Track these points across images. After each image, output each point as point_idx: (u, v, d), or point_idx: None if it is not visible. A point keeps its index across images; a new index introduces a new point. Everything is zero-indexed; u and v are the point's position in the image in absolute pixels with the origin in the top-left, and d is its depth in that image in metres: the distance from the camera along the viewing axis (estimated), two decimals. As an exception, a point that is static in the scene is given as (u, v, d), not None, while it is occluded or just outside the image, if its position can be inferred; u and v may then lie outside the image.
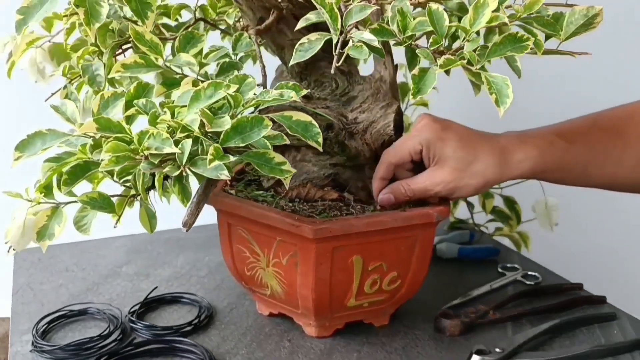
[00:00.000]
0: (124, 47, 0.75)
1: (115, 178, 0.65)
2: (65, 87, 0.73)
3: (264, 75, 0.68)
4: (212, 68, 0.72)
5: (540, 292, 0.88)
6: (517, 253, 1.03)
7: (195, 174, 0.54)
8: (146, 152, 0.53)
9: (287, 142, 0.58)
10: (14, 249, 0.60)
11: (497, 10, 0.55)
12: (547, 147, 0.70)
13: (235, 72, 0.67)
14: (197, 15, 0.78)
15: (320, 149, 0.61)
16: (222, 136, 0.54)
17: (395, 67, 0.76)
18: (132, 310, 0.79)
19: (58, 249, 0.99)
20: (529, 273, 0.94)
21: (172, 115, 0.56)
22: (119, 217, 0.63)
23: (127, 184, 0.66)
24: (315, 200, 0.73)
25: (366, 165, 0.76)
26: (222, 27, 0.84)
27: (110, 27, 0.73)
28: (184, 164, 0.52)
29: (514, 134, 0.72)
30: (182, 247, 1.02)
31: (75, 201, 0.64)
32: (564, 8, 0.61)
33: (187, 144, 0.52)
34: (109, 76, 0.62)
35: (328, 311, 0.72)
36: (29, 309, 0.81)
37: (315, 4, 0.55)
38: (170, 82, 0.64)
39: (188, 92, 0.57)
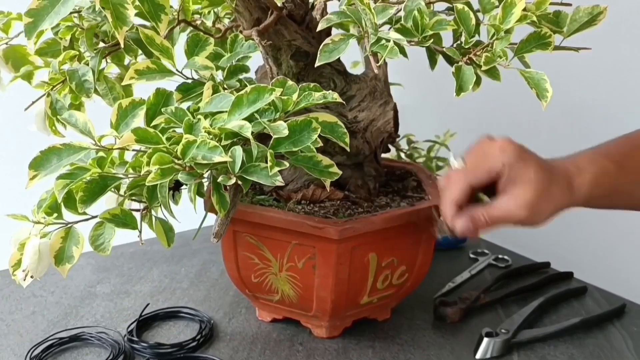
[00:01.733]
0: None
1: (121, 192, 0.62)
2: (48, 95, 0.67)
3: (272, 77, 0.67)
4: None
5: (516, 274, 0.94)
6: (481, 239, 1.08)
7: (245, 181, 0.52)
8: (190, 163, 0.51)
9: (321, 144, 0.58)
10: (31, 277, 0.54)
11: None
12: (601, 174, 0.66)
13: (244, 75, 0.66)
14: (180, 17, 0.75)
15: (348, 149, 0.61)
16: (272, 142, 0.52)
17: (386, 65, 0.78)
18: (130, 330, 0.75)
19: (16, 274, 0.90)
20: (499, 256, 1.00)
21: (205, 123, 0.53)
22: (140, 232, 0.59)
23: (134, 198, 0.63)
24: (322, 201, 0.73)
25: (364, 163, 0.77)
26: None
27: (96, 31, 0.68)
28: (236, 172, 0.50)
29: (566, 160, 0.68)
30: (151, 260, 0.98)
31: (86, 219, 0.60)
32: (561, 5, 0.65)
33: (238, 151, 0.50)
34: (124, 83, 0.58)
35: (343, 311, 0.73)
36: (8, 341, 0.74)
37: (357, 2, 0.54)
38: (186, 87, 0.61)
39: (219, 98, 0.55)
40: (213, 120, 0.54)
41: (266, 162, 0.52)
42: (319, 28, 0.60)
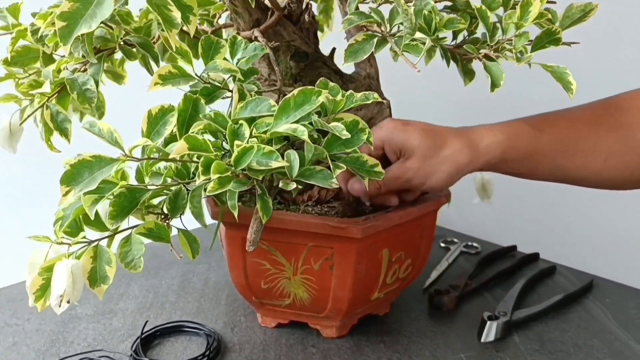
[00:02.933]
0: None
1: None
2: (47, 107, 0.62)
3: (281, 80, 0.66)
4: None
5: (491, 259, 0.99)
6: (448, 229, 1.12)
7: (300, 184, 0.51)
8: (241, 170, 0.49)
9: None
10: (67, 302, 0.50)
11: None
12: (515, 134, 0.69)
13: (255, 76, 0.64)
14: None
15: (372, 148, 0.62)
16: (324, 144, 0.52)
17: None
18: (134, 349, 0.71)
19: (-23, 303, 0.83)
20: (469, 244, 1.04)
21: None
22: (172, 245, 0.57)
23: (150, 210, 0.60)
24: (327, 201, 0.73)
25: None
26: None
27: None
28: (294, 176, 0.49)
29: (480, 125, 0.71)
30: (126, 275, 0.92)
31: (108, 236, 0.56)
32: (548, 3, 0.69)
33: (294, 155, 0.49)
34: (151, 90, 0.55)
35: (356, 309, 0.73)
36: (-2, 377, 0.68)
37: (397, 3, 0.55)
38: (207, 92, 0.58)
39: (255, 102, 0.54)
40: (255, 125, 0.52)
41: (317, 165, 0.51)
42: (342, 29, 0.60)
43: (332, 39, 0.81)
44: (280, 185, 0.50)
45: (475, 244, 1.04)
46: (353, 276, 0.68)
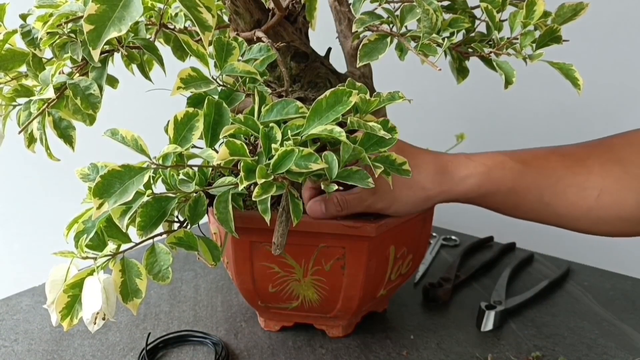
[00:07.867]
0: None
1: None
2: (49, 114, 0.58)
3: (288, 81, 0.65)
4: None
5: (472, 250, 1.02)
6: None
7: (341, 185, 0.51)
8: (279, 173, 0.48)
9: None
10: (103, 319, 0.48)
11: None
12: (496, 167, 0.65)
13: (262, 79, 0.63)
14: (154, 20, 0.70)
15: (386, 147, 0.62)
16: (357, 144, 0.52)
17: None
18: (143, 365, 0.68)
19: (-43, 326, 0.77)
20: (447, 236, 1.07)
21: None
22: (198, 253, 0.55)
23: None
24: (331, 201, 0.73)
25: (359, 160, 0.78)
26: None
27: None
28: (333, 177, 0.49)
29: (461, 153, 0.67)
30: (109, 287, 0.89)
31: (132, 247, 0.54)
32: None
33: (331, 157, 0.49)
34: (173, 95, 0.53)
35: (364, 307, 0.74)
36: (-2, 403, 0.64)
37: (418, 5, 0.56)
38: (225, 95, 0.57)
39: (282, 105, 0.53)
40: (286, 127, 0.52)
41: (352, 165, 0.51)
42: (353, 29, 0.60)
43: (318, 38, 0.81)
44: (323, 187, 0.49)
45: (453, 237, 1.07)
46: (364, 275, 0.69)
